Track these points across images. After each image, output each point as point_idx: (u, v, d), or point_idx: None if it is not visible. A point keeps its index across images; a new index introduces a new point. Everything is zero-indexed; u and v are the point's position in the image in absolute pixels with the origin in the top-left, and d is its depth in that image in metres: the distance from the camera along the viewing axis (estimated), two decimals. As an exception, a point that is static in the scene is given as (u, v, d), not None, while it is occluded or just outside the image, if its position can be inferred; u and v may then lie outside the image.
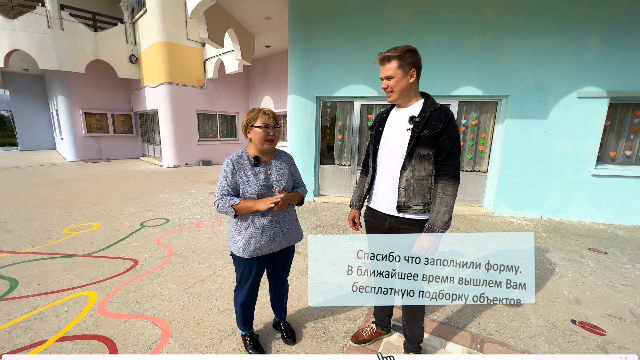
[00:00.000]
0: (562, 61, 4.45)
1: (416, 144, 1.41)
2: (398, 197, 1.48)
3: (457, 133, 1.42)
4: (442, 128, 1.37)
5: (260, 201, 1.48)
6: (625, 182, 4.57)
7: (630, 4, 4.12)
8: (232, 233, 1.59)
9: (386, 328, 1.93)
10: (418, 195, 1.45)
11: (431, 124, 1.39)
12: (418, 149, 1.42)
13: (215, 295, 2.40)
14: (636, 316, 2.25)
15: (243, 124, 1.54)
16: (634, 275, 2.92)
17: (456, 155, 1.41)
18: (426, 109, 1.42)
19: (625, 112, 4.62)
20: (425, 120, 1.40)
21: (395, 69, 1.40)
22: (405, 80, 1.42)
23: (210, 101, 10.67)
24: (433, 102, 1.45)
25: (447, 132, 1.39)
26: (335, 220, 4.45)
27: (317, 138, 5.72)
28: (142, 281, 2.60)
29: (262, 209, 1.46)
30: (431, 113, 1.40)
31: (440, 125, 1.37)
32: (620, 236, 4.09)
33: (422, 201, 1.45)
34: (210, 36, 5.95)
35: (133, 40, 10.53)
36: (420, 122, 1.40)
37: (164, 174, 8.55)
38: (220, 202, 1.49)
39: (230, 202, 1.47)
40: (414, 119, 1.43)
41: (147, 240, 3.54)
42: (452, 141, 1.39)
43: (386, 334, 1.94)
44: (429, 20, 4.74)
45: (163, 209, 4.89)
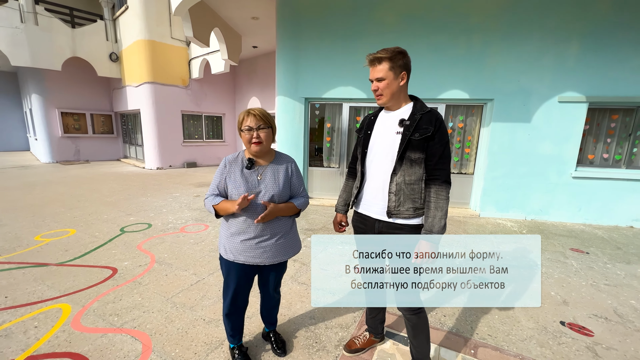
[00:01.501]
0: (544, 67, 4.58)
1: (407, 147, 1.38)
2: (388, 202, 1.44)
3: (447, 137, 1.41)
4: (433, 132, 1.35)
5: (233, 202, 1.39)
6: (603, 184, 4.75)
7: (607, 13, 4.29)
8: (221, 233, 1.55)
9: (379, 335, 1.88)
10: (408, 200, 1.42)
11: (422, 127, 1.36)
12: (409, 153, 1.39)
13: (201, 305, 2.28)
14: (620, 316, 2.30)
15: (237, 126, 1.50)
16: (615, 275, 3.01)
17: (447, 159, 1.39)
18: (416, 112, 1.39)
19: (602, 116, 4.80)
20: (416, 123, 1.37)
21: (387, 71, 1.37)
22: (396, 83, 1.39)
23: (196, 102, 10.41)
24: (423, 106, 1.43)
25: (438, 135, 1.36)
26: (324, 224, 4.39)
27: (305, 140, 5.66)
28: (122, 291, 2.45)
29: (232, 210, 1.37)
30: (421, 116, 1.38)
31: (431, 128, 1.35)
32: (599, 236, 4.23)
33: (413, 206, 1.42)
34: (195, 35, 5.79)
35: (114, 37, 10.15)
36: (410, 126, 1.37)
37: (147, 176, 8.25)
38: (207, 200, 1.47)
39: (212, 202, 1.44)
40: (404, 122, 1.40)
41: (127, 247, 3.36)
42: (443, 145, 1.37)
43: (380, 341, 1.89)
44: (418, 24, 4.78)
45: (145, 213, 4.69)
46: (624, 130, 4.75)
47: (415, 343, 1.56)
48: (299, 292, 2.50)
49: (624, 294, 2.63)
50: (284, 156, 1.59)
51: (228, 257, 1.49)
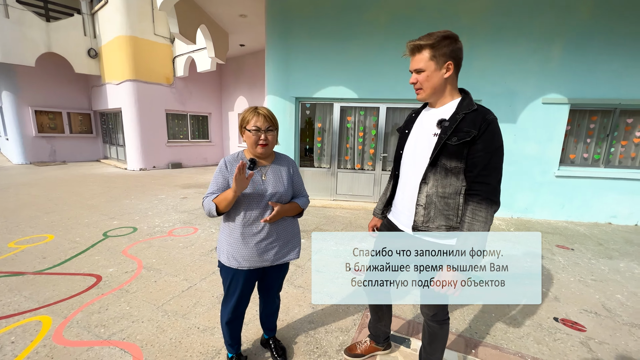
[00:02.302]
0: (529, 69, 4.72)
1: (441, 153, 1.17)
2: (415, 216, 1.26)
3: (499, 143, 1.14)
4: (474, 136, 1.11)
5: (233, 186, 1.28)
6: (584, 183, 4.94)
7: (587, 18, 4.47)
8: (221, 239, 1.45)
9: (382, 344, 1.78)
10: (440, 215, 1.21)
11: (462, 130, 1.13)
12: (443, 160, 1.17)
13: (194, 312, 2.18)
14: (609, 310, 2.38)
15: (239, 124, 1.42)
16: (599, 270, 3.12)
17: (495, 171, 1.13)
18: (460, 111, 1.17)
19: (583, 117, 5.00)
20: (456, 125, 1.15)
21: (427, 61, 1.17)
22: (439, 75, 1.18)
23: (181, 100, 10.11)
24: (470, 103, 1.19)
25: (482, 141, 1.12)
26: (317, 225, 4.34)
27: (296, 140, 5.59)
28: (108, 300, 2.31)
29: (232, 194, 1.26)
30: (465, 116, 1.15)
31: (473, 132, 1.12)
32: (582, 233, 4.40)
33: (446, 224, 1.21)
34: (181, 31, 5.61)
35: (92, 32, 9.70)
36: (449, 127, 1.15)
37: (130, 177, 7.93)
38: (205, 201, 1.38)
39: (211, 198, 1.37)
40: (442, 122, 1.18)
41: (111, 253, 3.19)
42: (490, 153, 1.12)
43: (383, 349, 1.80)
44: (408, 25, 4.81)
45: (129, 216, 4.49)
46: (603, 131, 4.97)
47: (429, 349, 1.49)
48: (296, 296, 2.44)
49: (610, 288, 2.73)
50: (283, 156, 1.55)
51: (231, 264, 1.41)
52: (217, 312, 2.17)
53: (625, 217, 4.91)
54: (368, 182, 5.65)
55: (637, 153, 4.97)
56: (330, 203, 5.58)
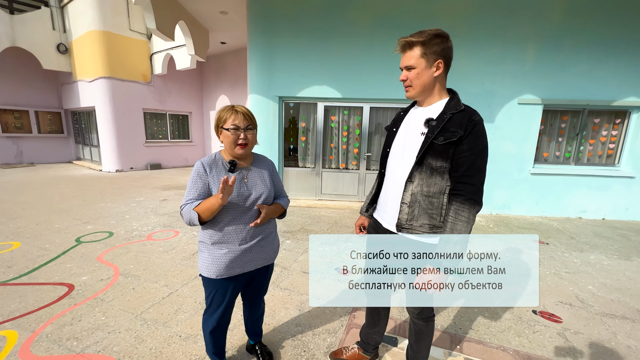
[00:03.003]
0: (506, 71, 4.90)
1: (427, 152, 1.18)
2: (399, 214, 1.27)
3: (483, 144, 1.15)
4: (460, 136, 1.12)
5: (213, 196, 1.24)
6: (556, 180, 5.19)
7: (558, 23, 4.69)
8: (201, 250, 1.36)
9: (370, 353, 1.73)
10: (424, 214, 1.22)
11: (449, 129, 1.14)
12: (429, 159, 1.17)
13: (176, 320, 2.09)
14: (582, 301, 2.50)
15: (215, 123, 1.33)
16: (572, 263, 3.28)
17: (479, 172, 1.15)
18: (447, 111, 1.17)
19: (554, 117, 5.25)
20: (443, 124, 1.15)
21: (418, 58, 1.16)
22: (429, 73, 1.18)
23: (159, 99, 9.76)
24: (458, 103, 1.19)
25: (468, 141, 1.12)
26: (302, 225, 4.31)
27: (280, 139, 5.53)
28: (81, 310, 2.18)
29: (217, 204, 1.20)
30: (452, 116, 1.15)
31: (459, 132, 1.12)
32: (555, 227, 4.61)
33: (429, 222, 1.22)
34: (159, 27, 5.39)
35: (62, 27, 9.17)
36: (436, 127, 1.16)
37: (105, 179, 7.57)
38: (185, 209, 1.27)
39: (192, 206, 1.26)
40: (430, 121, 1.19)
41: (85, 259, 3.01)
42: (475, 154, 1.13)
43: (370, 359, 1.75)
44: (391, 26, 4.86)
45: (105, 220, 4.27)
46: (573, 130, 5.23)
47: (415, 348, 1.49)
48: (282, 299, 2.40)
49: (582, 280, 2.88)
50: (262, 157, 1.51)
51: (214, 274, 1.32)
52: (200, 318, 2.09)
53: (594, 212, 5.20)
54: (353, 181, 5.67)
55: (604, 151, 5.28)
56: (316, 203, 5.55)
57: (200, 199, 1.29)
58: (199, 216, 1.24)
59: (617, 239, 4.14)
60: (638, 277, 2.98)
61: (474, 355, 1.83)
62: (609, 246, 3.83)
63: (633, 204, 5.13)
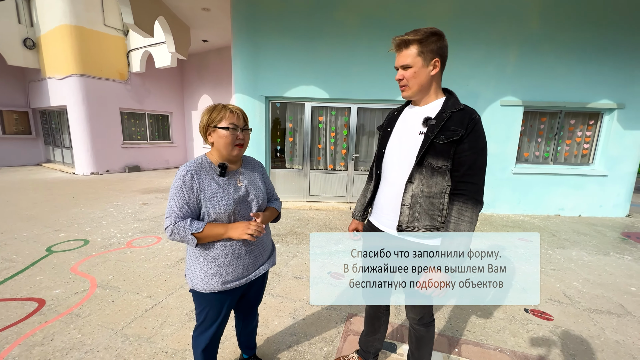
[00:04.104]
0: (489, 73, 5.02)
1: (428, 152, 1.15)
2: (400, 216, 1.23)
3: (483, 143, 1.14)
4: (462, 135, 1.10)
5: (234, 227, 1.17)
6: (536, 179, 5.37)
7: (536, 27, 4.86)
8: (193, 264, 1.23)
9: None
10: (425, 215, 1.19)
11: (450, 128, 1.12)
12: (430, 159, 1.15)
13: (161, 334, 1.95)
14: (569, 297, 2.56)
15: (202, 125, 1.20)
16: (556, 260, 3.38)
17: (480, 171, 1.14)
18: (446, 110, 1.15)
19: (534, 119, 5.44)
20: (443, 123, 1.13)
21: (414, 57, 1.13)
22: (426, 72, 1.15)
23: (137, 98, 9.33)
24: (456, 102, 1.18)
25: (469, 140, 1.11)
26: (291, 228, 4.21)
27: (267, 140, 5.41)
28: (53, 328, 1.98)
29: (237, 237, 1.15)
30: (451, 115, 1.13)
31: (460, 131, 1.10)
32: (537, 225, 4.77)
33: (430, 223, 1.19)
34: (136, 22, 5.13)
35: (28, 20, 8.59)
36: (436, 126, 1.14)
37: (79, 183, 7.13)
38: (176, 227, 1.11)
39: (190, 229, 1.11)
40: (429, 121, 1.16)
41: (57, 271, 2.78)
42: (476, 153, 1.12)
43: None
44: (377, 27, 4.86)
45: (79, 227, 3.99)
46: (551, 131, 5.44)
47: (417, 355, 1.46)
48: (275, 306, 2.30)
49: (567, 277, 2.96)
50: (250, 159, 1.41)
51: (211, 289, 1.21)
52: (188, 331, 1.97)
53: (571, 209, 5.42)
54: (341, 182, 5.63)
55: (579, 151, 5.52)
56: (304, 205, 5.47)
57: (189, 214, 1.15)
58: (198, 240, 1.14)
59: (595, 235, 4.32)
60: (617, 272, 3.11)
61: (473, 357, 1.81)
62: (587, 242, 3.99)
63: (606, 201, 5.40)
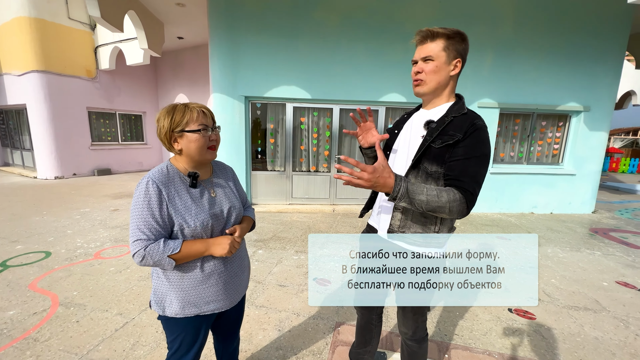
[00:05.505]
0: (466, 75, 5.12)
1: (424, 156, 1.11)
2: (392, 219, 1.21)
3: (482, 151, 1.04)
4: (458, 139, 1.04)
5: (216, 243, 1.05)
6: (511, 178, 5.58)
7: (510, 33, 5.04)
8: (162, 288, 1.07)
9: None
10: (417, 222, 1.15)
11: (448, 132, 1.06)
12: (425, 163, 1.11)
13: (133, 356, 1.78)
14: (549, 295, 2.64)
15: (164, 129, 1.01)
16: (534, 258, 3.49)
17: (472, 179, 1.03)
18: (449, 114, 1.10)
19: (509, 120, 5.64)
20: (443, 127, 1.08)
21: (439, 51, 1.07)
22: (446, 70, 1.09)
23: (107, 97, 8.79)
24: (461, 107, 1.12)
25: (464, 145, 1.04)
26: (274, 232, 4.08)
27: (247, 142, 5.24)
28: (6, 357, 1.76)
29: (220, 254, 1.03)
30: (453, 119, 1.08)
31: (458, 136, 1.04)
32: (513, 223, 4.94)
33: (422, 231, 1.15)
34: (104, 16, 4.77)
35: (-20, 10, 7.84)
36: (435, 129, 1.09)
37: (40, 188, 6.58)
38: (148, 252, 0.96)
39: (165, 251, 0.97)
40: (430, 124, 1.12)
41: (13, 289, 2.50)
42: (470, 159, 1.03)
43: None
44: (358, 28, 4.84)
45: (40, 237, 3.65)
46: (524, 132, 5.67)
47: None
48: (258, 318, 2.18)
49: (545, 274, 3.06)
50: (220, 164, 1.28)
51: (189, 312, 1.08)
52: (163, 351, 1.81)
53: (543, 207, 5.68)
54: (324, 184, 5.56)
55: (550, 151, 5.79)
56: (287, 207, 5.35)
57: (163, 232, 1.01)
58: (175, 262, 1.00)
59: (566, 231, 4.53)
60: (589, 267, 3.26)
61: (463, 363, 1.79)
62: (560, 239, 4.17)
63: (575, 198, 5.69)
